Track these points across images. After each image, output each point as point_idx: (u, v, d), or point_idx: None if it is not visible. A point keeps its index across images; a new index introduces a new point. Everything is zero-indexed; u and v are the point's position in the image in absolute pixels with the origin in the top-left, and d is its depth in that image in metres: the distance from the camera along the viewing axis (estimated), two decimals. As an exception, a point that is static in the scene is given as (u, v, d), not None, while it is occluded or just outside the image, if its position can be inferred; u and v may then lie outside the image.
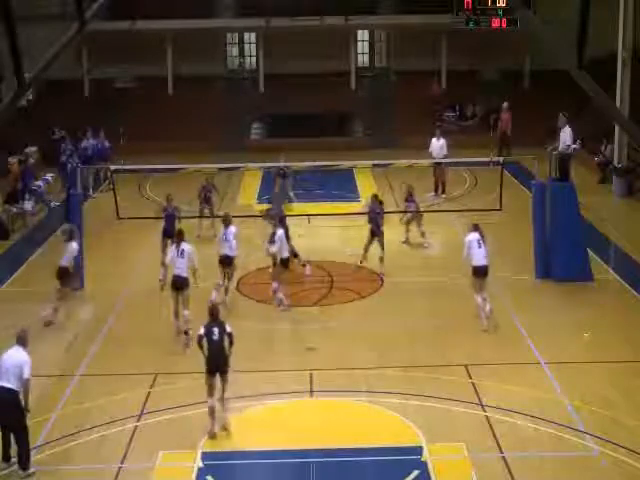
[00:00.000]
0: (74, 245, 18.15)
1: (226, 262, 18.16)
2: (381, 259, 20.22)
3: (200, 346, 13.36)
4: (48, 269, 21.19)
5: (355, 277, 20.53)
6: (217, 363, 13.25)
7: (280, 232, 18.36)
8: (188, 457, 12.67)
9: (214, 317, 13.54)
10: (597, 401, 14.07)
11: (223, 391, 13.35)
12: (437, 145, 27.35)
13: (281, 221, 19.53)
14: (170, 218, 20.71)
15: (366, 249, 20.45)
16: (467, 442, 12.89)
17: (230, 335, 13.32)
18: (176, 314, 16.79)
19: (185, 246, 16.80)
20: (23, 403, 12.21)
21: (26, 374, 12.15)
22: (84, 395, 14.67)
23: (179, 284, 16.63)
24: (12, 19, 7.58)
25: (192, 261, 16.64)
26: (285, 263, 18.45)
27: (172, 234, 19.03)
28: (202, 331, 13.38)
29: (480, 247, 17.11)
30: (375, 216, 20.40)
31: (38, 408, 13.86)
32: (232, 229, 18.31)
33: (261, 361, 15.93)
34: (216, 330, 13.30)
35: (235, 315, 17.95)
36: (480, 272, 17.08)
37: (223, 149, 34.26)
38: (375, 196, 21.34)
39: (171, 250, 17.18)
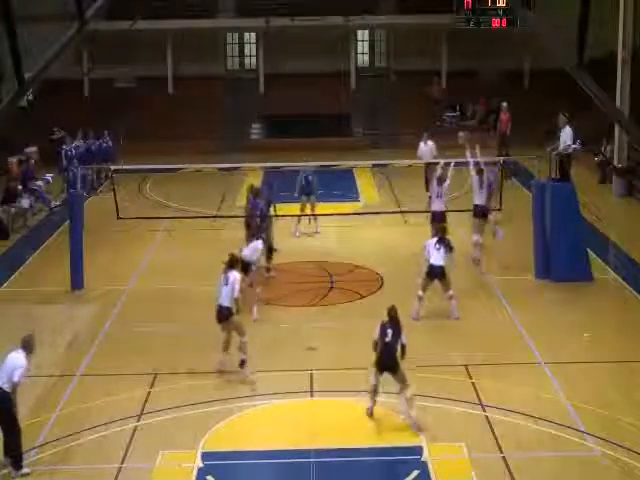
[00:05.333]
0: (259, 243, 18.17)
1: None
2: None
3: (375, 348, 13.42)
4: (48, 269, 21.27)
5: (355, 277, 20.54)
6: (387, 363, 13.31)
7: (428, 242, 17.51)
8: (188, 457, 12.66)
9: (392, 318, 13.49)
10: (597, 401, 14.07)
11: (401, 386, 13.40)
12: (426, 149, 26.89)
13: None
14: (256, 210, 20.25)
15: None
16: (467, 442, 12.88)
17: (403, 347, 13.38)
18: (225, 346, 15.27)
19: (232, 274, 15.16)
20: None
21: (15, 377, 12.10)
22: (84, 395, 14.66)
23: (222, 315, 15.09)
24: (12, 19, 7.59)
25: (234, 290, 15.04)
26: (433, 274, 17.39)
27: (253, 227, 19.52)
28: (377, 333, 13.39)
29: (482, 188, 20.25)
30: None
31: (38, 408, 13.90)
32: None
33: (261, 361, 15.91)
34: (390, 332, 13.33)
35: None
36: (479, 212, 20.23)
37: (223, 149, 34.29)
38: None
39: (219, 278, 15.47)
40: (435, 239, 17.63)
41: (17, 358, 12.33)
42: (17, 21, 7.70)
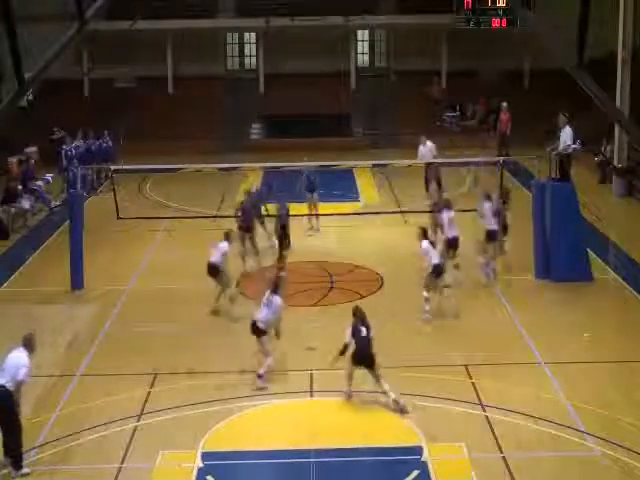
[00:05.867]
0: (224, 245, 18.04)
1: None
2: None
3: (344, 351, 14.11)
4: (48, 269, 21.28)
5: (355, 277, 20.54)
6: (364, 358, 13.92)
7: (425, 244, 17.65)
8: (188, 457, 12.67)
9: (360, 316, 14.27)
10: (597, 401, 14.07)
11: (378, 380, 13.95)
12: (425, 150, 26.81)
13: None
14: (248, 210, 20.84)
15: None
16: (467, 442, 12.88)
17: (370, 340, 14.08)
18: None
19: (275, 299, 15.11)
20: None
21: (20, 375, 12.14)
22: (84, 395, 14.67)
23: (254, 331, 15.03)
24: (12, 19, 7.58)
25: (277, 316, 15.14)
26: (439, 271, 17.61)
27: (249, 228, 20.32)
28: (348, 334, 14.07)
29: (495, 216, 19.32)
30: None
31: (38, 408, 13.90)
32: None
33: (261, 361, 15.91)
34: (363, 329, 14.05)
35: (235, 315, 17.97)
36: (493, 237, 19.30)
37: (223, 149, 34.29)
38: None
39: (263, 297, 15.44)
40: (427, 240, 17.77)
41: (20, 357, 12.35)
42: (17, 21, 7.71)
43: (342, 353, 14.13)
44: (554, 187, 20.04)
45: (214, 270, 18.06)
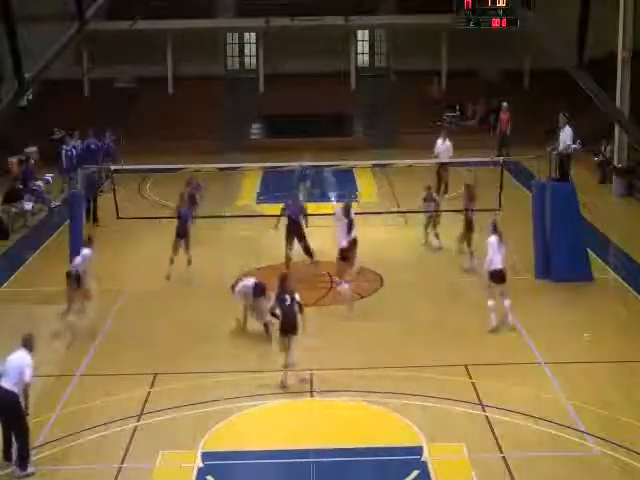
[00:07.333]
0: (86, 251, 17.78)
1: None
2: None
3: (274, 315, 15.55)
4: (48, 269, 21.27)
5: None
6: (290, 326, 14.71)
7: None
8: (188, 457, 12.67)
9: (284, 287, 14.98)
10: (597, 401, 14.07)
11: (289, 349, 14.72)
12: (443, 147, 26.95)
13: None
14: (184, 218, 20.73)
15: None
16: (467, 442, 12.88)
17: (299, 304, 14.85)
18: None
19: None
20: (23, 405, 12.23)
21: (27, 377, 12.16)
22: (84, 395, 14.67)
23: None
24: (12, 19, 7.59)
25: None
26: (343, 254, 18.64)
27: (183, 235, 20.33)
28: (273, 301, 15.26)
29: (500, 250, 17.09)
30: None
31: (38, 408, 13.85)
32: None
33: (261, 361, 15.92)
34: (287, 297, 14.79)
35: (235, 315, 17.96)
36: (499, 277, 17.05)
37: (223, 149, 34.29)
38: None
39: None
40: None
41: (23, 358, 12.35)
42: (17, 21, 7.72)
43: (272, 315, 15.73)
44: (554, 187, 20.05)
45: (74, 280, 17.35)
